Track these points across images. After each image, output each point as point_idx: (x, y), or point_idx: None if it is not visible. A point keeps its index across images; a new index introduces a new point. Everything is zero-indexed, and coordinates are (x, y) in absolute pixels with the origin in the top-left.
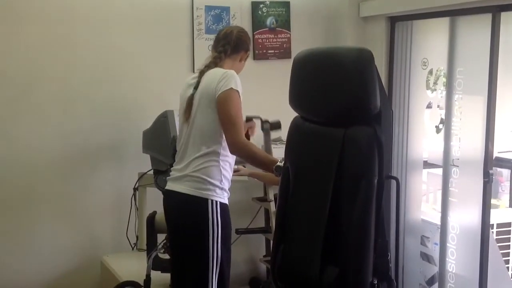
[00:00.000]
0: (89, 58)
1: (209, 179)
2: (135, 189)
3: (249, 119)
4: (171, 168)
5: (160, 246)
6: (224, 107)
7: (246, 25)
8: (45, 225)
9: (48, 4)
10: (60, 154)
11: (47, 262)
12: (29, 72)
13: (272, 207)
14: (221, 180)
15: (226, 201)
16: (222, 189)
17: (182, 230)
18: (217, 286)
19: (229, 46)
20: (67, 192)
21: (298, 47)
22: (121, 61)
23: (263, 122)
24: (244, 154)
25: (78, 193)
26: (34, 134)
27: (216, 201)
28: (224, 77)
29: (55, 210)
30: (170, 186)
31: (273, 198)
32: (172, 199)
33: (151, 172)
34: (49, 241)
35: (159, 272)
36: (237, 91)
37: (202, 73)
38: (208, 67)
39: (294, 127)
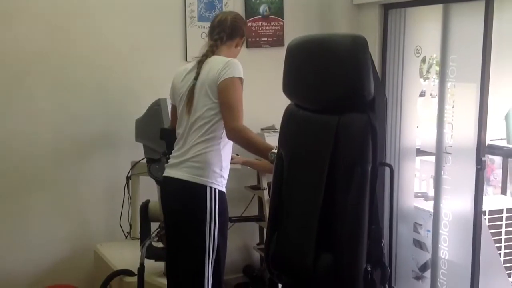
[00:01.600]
0: (81, 46)
1: (208, 164)
2: (128, 178)
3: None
4: (170, 155)
5: (153, 235)
6: (225, 93)
7: (239, 13)
8: (38, 215)
9: None
10: (52, 143)
11: (40, 251)
12: (21, 61)
13: (266, 195)
14: (221, 167)
15: (223, 188)
16: (221, 176)
17: (180, 217)
18: (212, 273)
19: (225, 33)
20: (60, 181)
21: (291, 35)
22: (114, 49)
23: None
24: (240, 139)
25: (71, 182)
26: (27, 123)
27: (215, 189)
28: (228, 65)
29: (48, 199)
30: (168, 172)
31: (266, 186)
32: (169, 186)
33: (144, 160)
34: (42, 231)
35: (153, 260)
36: (240, 78)
37: (201, 62)
38: (205, 56)
39: (288, 115)
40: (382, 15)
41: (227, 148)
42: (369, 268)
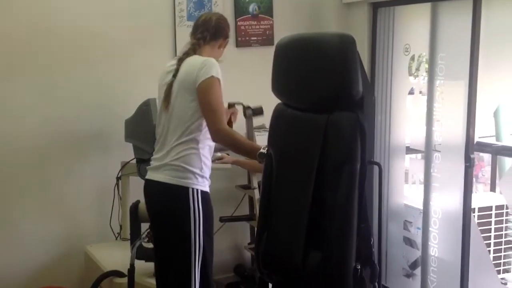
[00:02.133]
0: (70, 45)
1: (189, 167)
2: (118, 178)
3: (231, 106)
4: (151, 158)
5: (144, 235)
6: (205, 95)
7: (229, 12)
8: (27, 216)
9: None
10: (41, 143)
11: (30, 252)
12: (9, 59)
13: (256, 195)
14: (201, 168)
15: (207, 189)
16: (202, 177)
17: (163, 220)
18: (200, 274)
19: (208, 33)
20: (49, 182)
21: (281, 34)
22: (103, 49)
23: (246, 108)
24: (227, 141)
25: (60, 183)
26: (15, 122)
27: (197, 189)
28: (204, 65)
29: (37, 200)
30: (149, 175)
31: (257, 186)
32: (152, 189)
33: (134, 161)
34: (32, 232)
35: (143, 261)
36: (218, 78)
37: (181, 60)
38: (187, 54)
39: (277, 114)
40: (371, 13)
41: (207, 148)
42: (359, 267)
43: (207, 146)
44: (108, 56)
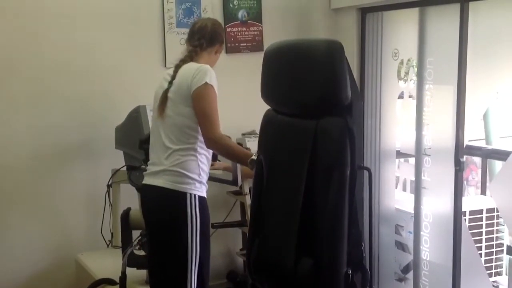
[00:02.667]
0: (59, 53)
1: (187, 173)
2: (108, 186)
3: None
4: (148, 163)
5: (135, 243)
6: (199, 102)
7: (218, 18)
8: (17, 225)
9: None
10: (30, 151)
11: (20, 262)
12: None
13: (248, 200)
14: (199, 174)
15: (204, 194)
16: (200, 182)
17: (160, 225)
18: (196, 280)
19: (204, 39)
20: (39, 190)
21: (270, 40)
22: (92, 56)
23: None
24: (219, 148)
25: (50, 191)
26: (4, 130)
27: (195, 195)
28: (198, 72)
29: (27, 208)
30: (147, 180)
31: (248, 191)
32: (149, 194)
33: (125, 168)
34: (22, 241)
35: (135, 268)
36: (212, 85)
37: (177, 67)
38: (183, 61)
39: (267, 120)
40: (360, 19)
41: (204, 154)
42: (350, 272)
43: (204, 151)
44: (97, 63)
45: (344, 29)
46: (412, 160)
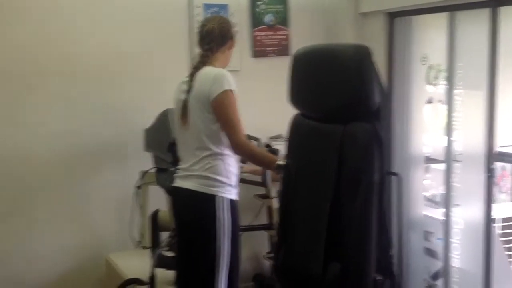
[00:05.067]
0: (89, 57)
1: (215, 176)
2: (137, 188)
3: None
4: (178, 168)
5: (164, 244)
6: (220, 110)
7: (245, 23)
8: (49, 225)
9: (48, 2)
10: (62, 153)
11: (51, 261)
12: (29, 71)
13: (275, 204)
14: (228, 177)
15: (234, 197)
16: (229, 185)
17: (189, 226)
18: (226, 283)
19: (215, 43)
20: (70, 192)
21: (296, 44)
22: (121, 60)
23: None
24: (245, 154)
25: (81, 193)
26: (35, 134)
27: (224, 197)
28: (216, 79)
29: (58, 209)
30: (177, 183)
31: (275, 195)
32: (179, 196)
33: (153, 170)
34: (54, 241)
35: (164, 269)
36: (231, 90)
37: (193, 74)
38: (197, 67)
39: (294, 125)
40: (388, 23)
41: (231, 157)
42: (378, 278)
43: (230, 156)
44: (127, 66)
45: (372, 33)
46: (441, 166)
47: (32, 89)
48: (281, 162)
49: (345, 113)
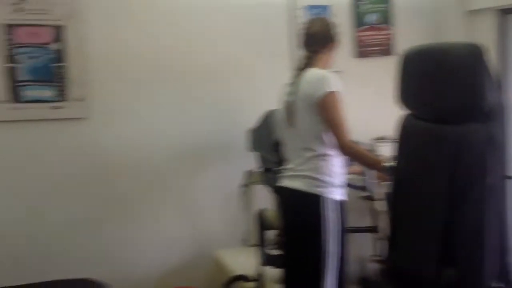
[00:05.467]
0: (201, 58)
1: (321, 177)
2: (242, 186)
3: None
4: (283, 168)
5: (270, 242)
6: (326, 112)
7: (347, 23)
8: (160, 220)
9: (171, 6)
10: (174, 151)
11: (160, 255)
12: (146, 72)
13: (379, 206)
14: (333, 177)
15: (340, 197)
16: (335, 185)
17: (296, 226)
18: (335, 284)
19: (319, 44)
20: (180, 189)
21: (401, 44)
22: (227, 63)
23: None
24: (351, 154)
25: (191, 190)
26: (152, 132)
27: (329, 198)
28: (321, 81)
29: (172, 205)
30: (284, 183)
31: (380, 197)
32: (286, 195)
33: (258, 169)
34: (166, 234)
35: (270, 267)
36: (336, 92)
37: (297, 75)
38: (302, 69)
39: (404, 126)
40: (499, 20)
41: (337, 157)
42: (495, 285)
43: (337, 155)
44: (232, 69)
45: (481, 31)
46: None
47: (151, 90)
48: (388, 163)
49: (460, 114)
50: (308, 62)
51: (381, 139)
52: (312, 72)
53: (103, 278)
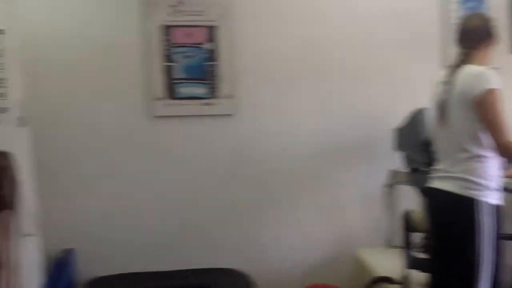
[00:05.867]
0: (344, 59)
1: (476, 179)
2: (387, 186)
3: None
4: (433, 168)
5: (417, 245)
6: (483, 110)
7: (503, 16)
8: (302, 218)
9: (308, 7)
10: (316, 148)
11: (303, 252)
12: (291, 71)
13: None
14: (489, 180)
15: (496, 201)
16: (490, 189)
17: (446, 229)
18: None
19: (476, 40)
20: (323, 187)
21: None
22: (371, 60)
23: None
24: (510, 157)
25: (332, 188)
26: (296, 129)
27: (484, 201)
28: (479, 78)
29: (314, 203)
30: (434, 184)
31: None
32: (436, 197)
33: (403, 169)
34: (309, 231)
35: (415, 271)
36: (496, 90)
37: (453, 72)
38: (458, 65)
39: None
40: None
41: (493, 159)
42: None
43: (493, 156)
44: (376, 66)
45: None
46: None
47: (292, 87)
48: None
49: None
50: (464, 59)
51: None
52: (470, 69)
53: (244, 268)
